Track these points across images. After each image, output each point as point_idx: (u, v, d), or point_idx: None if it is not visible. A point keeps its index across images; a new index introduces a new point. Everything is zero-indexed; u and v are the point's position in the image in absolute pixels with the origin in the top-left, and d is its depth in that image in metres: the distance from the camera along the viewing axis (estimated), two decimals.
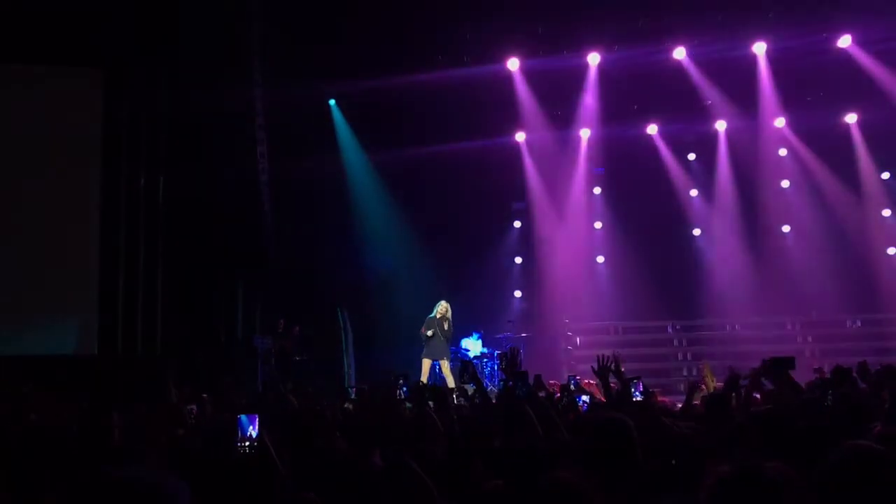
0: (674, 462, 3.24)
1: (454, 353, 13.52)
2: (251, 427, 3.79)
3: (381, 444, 3.93)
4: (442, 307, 12.80)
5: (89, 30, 11.96)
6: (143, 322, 12.42)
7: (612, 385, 5.58)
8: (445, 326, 12.71)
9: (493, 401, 6.52)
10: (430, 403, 6.09)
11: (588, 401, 6.55)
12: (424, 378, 12.44)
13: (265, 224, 13.58)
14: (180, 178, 12.87)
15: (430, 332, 12.63)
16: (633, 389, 5.74)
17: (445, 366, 12.64)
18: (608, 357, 5.50)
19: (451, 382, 11.99)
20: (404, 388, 7.52)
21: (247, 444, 3.76)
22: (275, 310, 13.41)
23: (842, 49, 13.97)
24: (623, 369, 5.64)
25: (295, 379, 11.94)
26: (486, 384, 12.23)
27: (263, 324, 13.51)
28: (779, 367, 5.83)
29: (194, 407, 6.25)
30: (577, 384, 7.80)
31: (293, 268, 13.77)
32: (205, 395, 7.29)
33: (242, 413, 3.83)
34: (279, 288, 13.63)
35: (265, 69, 12.98)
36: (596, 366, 5.54)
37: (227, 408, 6.56)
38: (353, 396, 9.99)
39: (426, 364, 12.61)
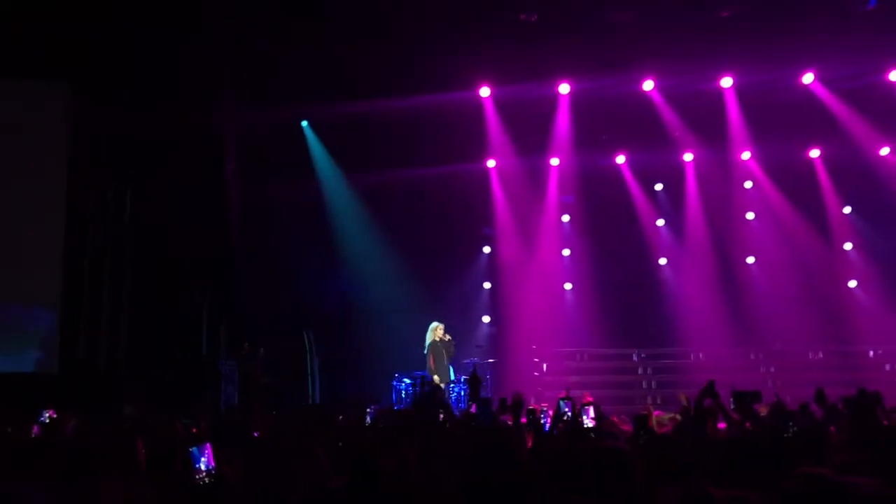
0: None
1: (428, 378, 13.53)
2: (203, 458, 3.69)
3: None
4: (440, 329, 12.75)
5: (60, 43, 11.88)
6: (106, 340, 12.24)
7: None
8: (452, 349, 12.75)
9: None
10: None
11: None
12: None
13: (233, 244, 13.50)
14: (148, 195, 12.77)
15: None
16: (583, 416, 5.83)
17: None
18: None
19: None
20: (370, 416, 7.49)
21: (203, 475, 3.65)
22: (240, 331, 13.29)
23: (805, 86, 14.30)
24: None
25: (261, 403, 11.84)
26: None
27: (228, 345, 13.38)
28: (744, 399, 5.98)
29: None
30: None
31: (260, 288, 13.69)
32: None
33: (202, 440, 3.76)
34: (245, 309, 13.52)
35: (236, 89, 12.99)
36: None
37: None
38: None
39: None
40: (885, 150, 15.32)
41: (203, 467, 3.62)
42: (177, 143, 12.53)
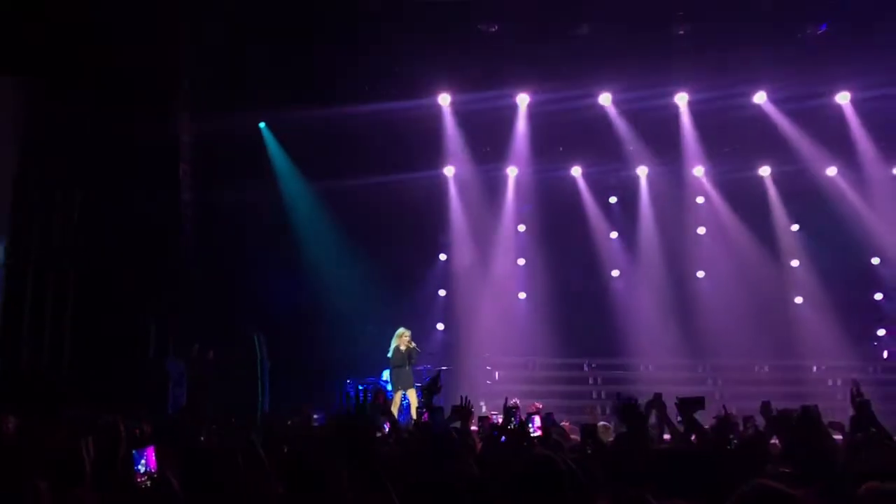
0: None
1: (381, 384, 13.48)
2: (143, 460, 3.62)
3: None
4: (407, 335, 12.73)
5: (18, 37, 11.60)
6: (49, 338, 11.95)
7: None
8: (416, 356, 12.77)
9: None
10: None
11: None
12: (395, 410, 12.31)
13: (185, 247, 13.30)
14: (99, 196, 12.51)
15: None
16: (529, 424, 5.91)
17: (412, 395, 12.54)
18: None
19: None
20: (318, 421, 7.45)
21: (144, 478, 3.59)
22: (190, 334, 13.08)
23: (757, 105, 14.61)
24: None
25: (210, 406, 11.67)
26: (405, 417, 12.19)
27: (177, 347, 13.15)
28: (688, 406, 6.05)
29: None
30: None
31: (212, 292, 13.51)
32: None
33: (145, 442, 3.70)
34: (196, 311, 13.32)
35: (194, 93, 12.85)
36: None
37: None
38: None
39: (398, 397, 12.55)
40: (831, 170, 15.71)
41: (143, 470, 3.56)
42: (131, 144, 12.30)
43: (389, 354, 12.85)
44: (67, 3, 11.44)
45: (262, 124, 14.76)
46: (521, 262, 16.46)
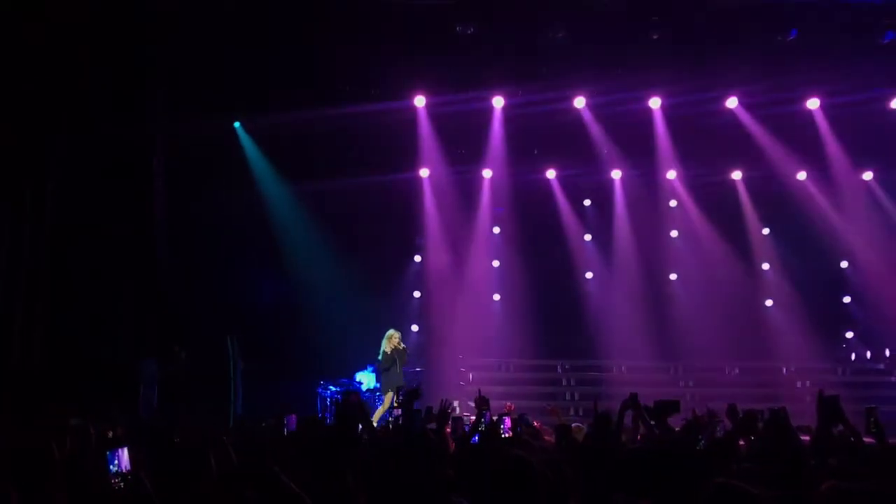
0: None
1: (354, 386, 13.45)
2: (116, 460, 3.62)
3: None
4: (396, 336, 12.69)
5: None
6: (19, 338, 11.81)
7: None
8: (405, 357, 12.76)
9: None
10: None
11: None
12: (381, 412, 12.29)
13: (159, 247, 13.22)
14: (72, 194, 12.39)
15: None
16: (501, 426, 5.97)
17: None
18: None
19: None
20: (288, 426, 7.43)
21: (118, 479, 3.58)
22: (163, 334, 12.99)
23: (729, 109, 14.78)
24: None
25: (184, 407, 11.60)
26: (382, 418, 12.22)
27: (150, 347, 13.06)
28: (663, 410, 6.15)
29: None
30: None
31: (186, 293, 13.43)
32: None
33: (118, 444, 3.69)
34: (169, 312, 13.23)
35: (168, 93, 12.79)
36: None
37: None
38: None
39: (388, 398, 12.53)
40: (801, 175, 15.94)
41: (116, 471, 3.55)
42: (104, 141, 12.20)
43: (380, 357, 12.86)
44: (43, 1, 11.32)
45: (237, 124, 14.70)
46: (496, 263, 16.53)
